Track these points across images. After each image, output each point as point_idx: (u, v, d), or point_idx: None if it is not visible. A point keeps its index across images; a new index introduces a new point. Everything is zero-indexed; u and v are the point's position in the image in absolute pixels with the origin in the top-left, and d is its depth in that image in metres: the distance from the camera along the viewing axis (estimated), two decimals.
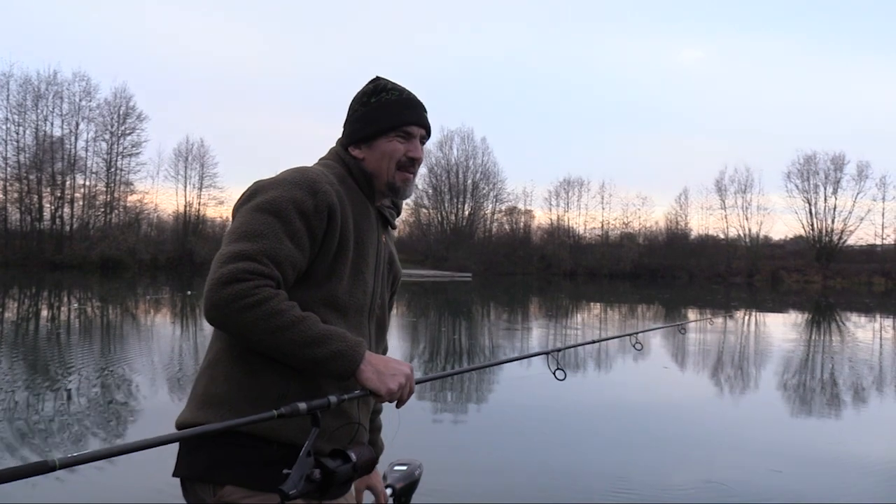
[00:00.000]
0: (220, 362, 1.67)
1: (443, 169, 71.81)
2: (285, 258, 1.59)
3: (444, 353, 12.26)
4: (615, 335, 8.66)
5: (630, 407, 7.75)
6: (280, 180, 1.68)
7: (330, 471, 1.45)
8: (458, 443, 6.21)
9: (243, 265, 1.53)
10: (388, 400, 1.64)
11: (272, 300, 1.53)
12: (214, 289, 1.52)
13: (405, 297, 30.07)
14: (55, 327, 14.96)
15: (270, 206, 1.62)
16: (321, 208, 1.65)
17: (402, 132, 1.83)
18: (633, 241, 70.01)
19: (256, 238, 1.58)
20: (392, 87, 1.86)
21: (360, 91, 1.89)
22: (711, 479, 5.11)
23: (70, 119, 54.15)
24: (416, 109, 1.87)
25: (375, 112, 1.83)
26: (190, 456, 1.64)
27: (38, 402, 7.20)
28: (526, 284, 46.41)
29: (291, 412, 1.41)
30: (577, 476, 5.16)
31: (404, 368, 1.65)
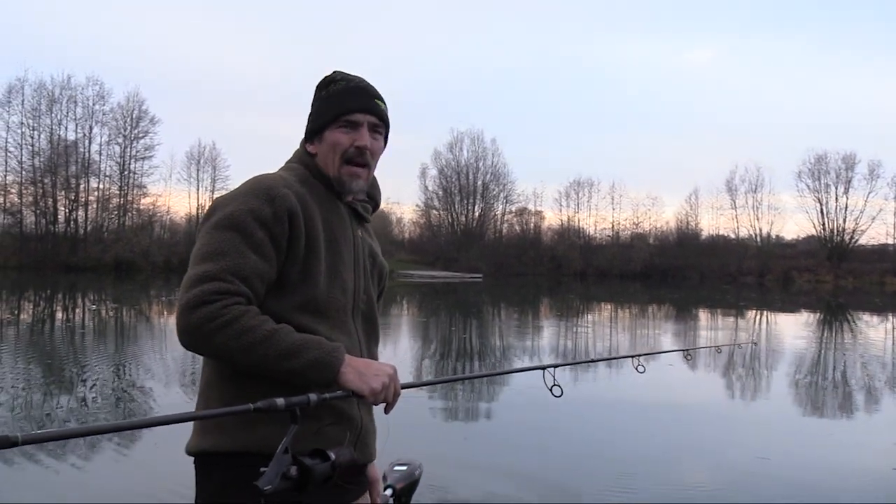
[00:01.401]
0: (212, 386, 1.67)
1: (453, 170, 72.05)
2: (251, 272, 1.57)
3: (453, 355, 12.42)
4: (616, 356, 8.71)
5: (641, 407, 7.86)
6: (236, 193, 1.66)
7: (307, 468, 1.43)
8: (463, 444, 6.36)
9: (209, 286, 1.51)
10: (371, 401, 1.61)
11: (242, 318, 1.51)
12: (183, 314, 1.51)
13: (416, 298, 30.23)
14: (70, 328, 15.23)
15: (229, 221, 1.59)
16: (280, 214, 1.62)
17: (346, 121, 1.76)
18: (643, 241, 69.92)
19: (219, 257, 1.56)
20: (341, 78, 1.81)
21: (315, 86, 1.85)
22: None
23: (84, 123, 54.79)
24: (361, 96, 1.78)
25: (323, 104, 1.79)
26: (203, 482, 1.66)
27: (48, 398, 7.43)
28: (536, 285, 46.45)
29: (268, 407, 1.39)
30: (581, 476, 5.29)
31: (387, 369, 1.63)
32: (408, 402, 1.94)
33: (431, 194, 72.56)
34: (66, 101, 54.26)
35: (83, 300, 24.73)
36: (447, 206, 72.33)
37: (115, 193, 55.40)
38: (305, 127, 1.84)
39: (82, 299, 25.12)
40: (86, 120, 54.68)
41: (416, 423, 6.50)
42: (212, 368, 1.68)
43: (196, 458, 1.69)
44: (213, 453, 1.63)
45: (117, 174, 55.66)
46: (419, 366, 10.76)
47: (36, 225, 51.99)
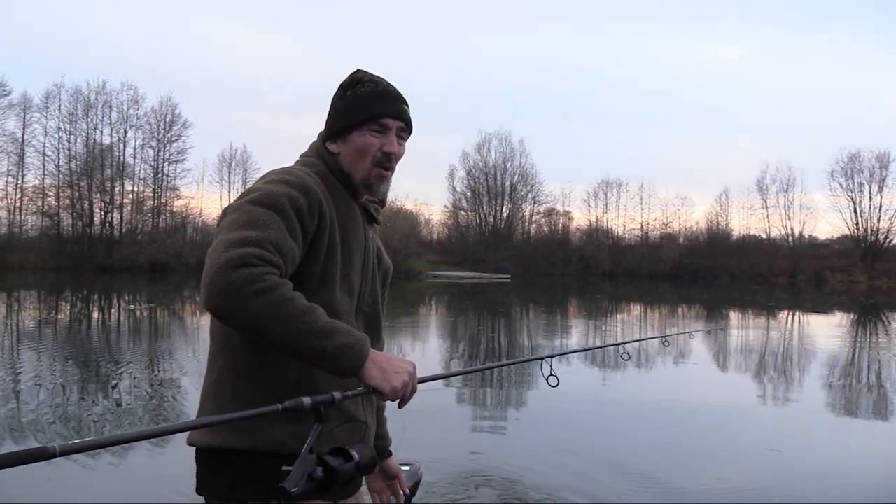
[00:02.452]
0: (225, 380, 1.66)
1: (481, 171, 72.16)
2: (288, 251, 1.55)
3: (479, 351, 12.58)
4: (603, 345, 8.84)
5: (651, 404, 7.97)
6: (271, 180, 1.65)
7: (333, 469, 1.42)
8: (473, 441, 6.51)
9: (251, 250, 1.47)
10: (391, 398, 1.60)
11: (281, 287, 1.47)
12: (221, 272, 1.43)
13: (445, 298, 30.42)
14: (107, 328, 15.66)
15: (268, 199, 1.57)
16: (313, 208, 1.63)
17: (377, 125, 1.76)
18: (673, 241, 69.44)
19: (261, 227, 1.52)
20: (369, 80, 1.80)
21: (339, 87, 1.83)
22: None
23: (118, 127, 55.83)
24: (392, 101, 1.79)
25: (350, 105, 1.77)
26: (213, 478, 1.66)
27: (86, 398, 7.73)
28: (564, 286, 46.36)
29: (295, 406, 1.39)
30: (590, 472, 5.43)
31: (407, 366, 1.62)
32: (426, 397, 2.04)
33: (459, 195, 72.86)
34: (102, 105, 55.42)
35: (119, 301, 25.28)
36: (475, 207, 72.47)
37: (149, 196, 56.38)
38: (326, 123, 1.83)
39: (118, 300, 25.67)
40: (120, 124, 55.80)
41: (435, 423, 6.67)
42: (226, 360, 1.66)
43: (201, 451, 1.68)
44: (225, 450, 1.62)
45: (151, 177, 56.70)
46: (445, 362, 10.94)
47: (73, 227, 53.06)
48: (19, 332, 14.05)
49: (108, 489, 4.68)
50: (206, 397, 1.71)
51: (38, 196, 53.44)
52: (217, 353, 1.70)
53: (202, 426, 1.39)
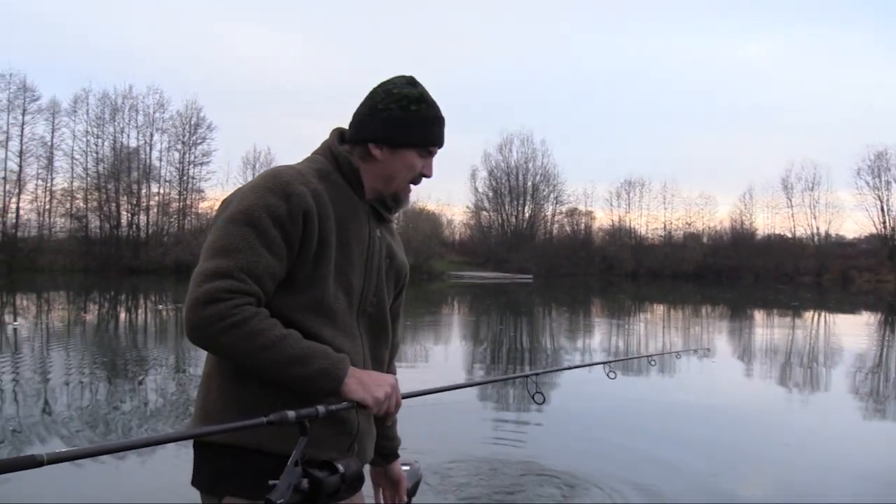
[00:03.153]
0: (212, 375, 1.68)
1: (503, 172, 72.18)
2: (264, 271, 1.56)
3: (499, 355, 12.68)
4: (587, 363, 8.85)
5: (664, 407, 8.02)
6: (254, 186, 1.64)
7: (318, 481, 1.44)
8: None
9: (221, 283, 1.51)
10: (375, 411, 1.63)
11: (252, 320, 1.51)
12: (193, 310, 1.50)
13: (467, 299, 30.53)
14: (134, 328, 15.97)
15: (244, 216, 1.58)
16: (295, 213, 1.60)
17: (427, 151, 1.80)
18: (696, 241, 68.98)
19: (232, 253, 1.54)
20: (431, 101, 1.79)
21: (395, 89, 1.77)
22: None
23: (145, 130, 56.61)
24: (442, 130, 1.82)
25: (413, 123, 1.75)
26: (198, 470, 1.69)
27: (118, 395, 7.95)
28: (587, 286, 46.29)
29: (280, 420, 1.41)
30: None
31: (389, 379, 1.66)
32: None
33: (482, 196, 72.93)
34: (128, 109, 56.23)
35: (146, 301, 25.69)
36: (497, 207, 72.49)
37: (175, 198, 57.08)
38: (366, 123, 1.77)
39: (145, 301, 26.08)
40: (146, 127, 56.57)
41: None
42: (212, 360, 1.69)
43: (195, 444, 1.72)
44: (210, 444, 1.64)
45: (176, 179, 57.41)
46: (467, 364, 11.06)
47: (100, 229, 53.85)
48: (49, 333, 14.38)
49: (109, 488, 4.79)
50: (198, 391, 1.73)
51: (66, 199, 54.35)
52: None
53: (187, 438, 1.44)
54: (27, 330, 14.47)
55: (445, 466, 5.08)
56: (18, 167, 52.78)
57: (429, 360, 10.98)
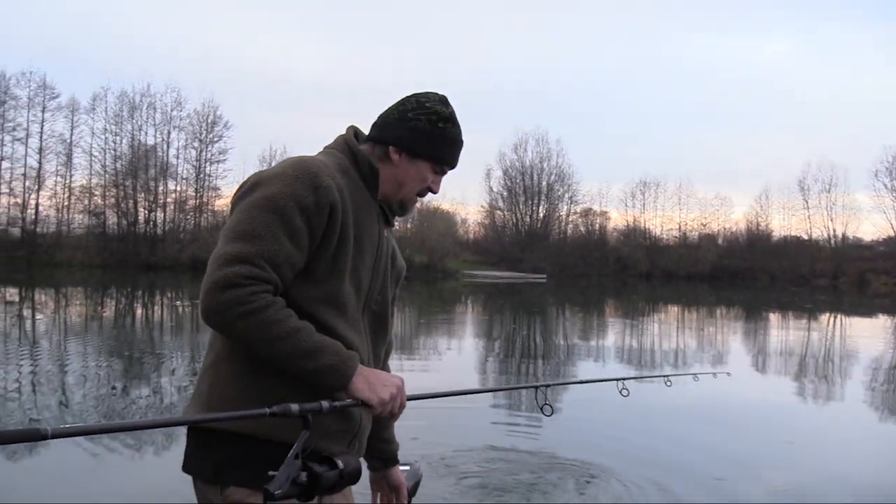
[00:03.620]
0: (223, 361, 1.66)
1: (517, 171, 72.14)
2: (284, 260, 1.57)
3: (516, 355, 12.75)
4: (601, 378, 8.82)
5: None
6: (281, 173, 1.63)
7: (316, 475, 1.45)
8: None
9: (240, 269, 1.51)
10: (379, 410, 1.64)
11: (269, 308, 1.52)
12: (211, 293, 1.51)
13: (481, 298, 30.62)
14: (150, 323, 16.19)
15: (270, 202, 1.57)
16: (322, 205, 1.61)
17: (441, 169, 1.86)
18: (711, 242, 68.69)
19: (254, 239, 1.54)
20: (458, 124, 1.86)
21: (428, 103, 1.82)
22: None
23: (162, 128, 57.01)
24: (459, 153, 1.88)
25: (439, 139, 1.81)
26: (198, 458, 1.66)
27: (128, 387, 8.11)
28: (601, 286, 46.25)
29: (283, 412, 1.42)
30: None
31: (395, 380, 1.67)
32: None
33: (496, 195, 72.93)
34: (146, 107, 56.63)
35: (162, 297, 25.97)
36: (512, 206, 72.46)
37: (191, 195, 57.39)
38: (391, 128, 1.81)
39: (162, 296, 26.37)
40: (164, 125, 56.98)
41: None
42: (226, 343, 1.66)
43: (192, 430, 1.69)
44: (215, 430, 1.62)
45: (193, 177, 57.79)
46: (471, 369, 11.15)
47: (118, 225, 54.32)
48: (67, 327, 14.62)
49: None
50: (203, 376, 1.70)
51: (85, 195, 54.85)
52: (218, 336, 1.69)
53: (191, 422, 1.43)
54: (46, 324, 14.71)
55: (450, 454, 5.22)
56: (38, 164, 53.41)
57: (441, 360, 11.08)
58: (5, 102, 52.19)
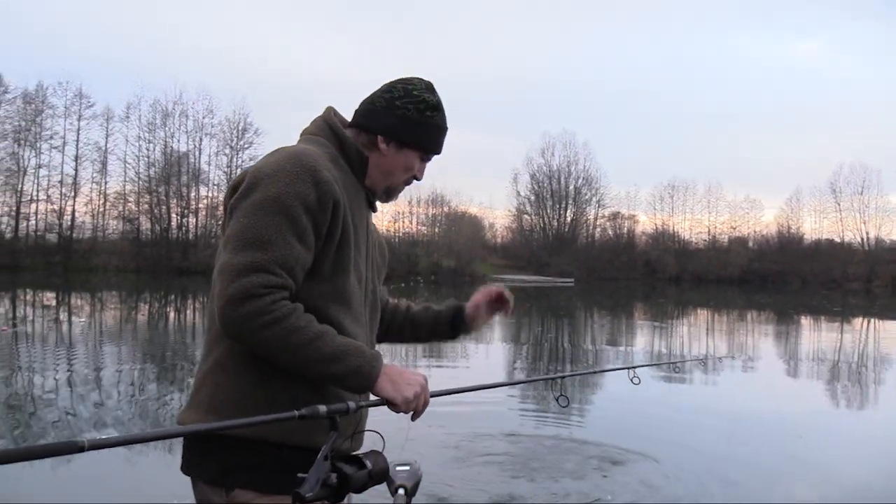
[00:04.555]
0: (224, 367, 1.61)
1: (544, 175, 72.25)
2: (296, 262, 1.54)
3: (545, 356, 12.91)
4: (613, 367, 8.93)
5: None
6: (279, 170, 1.57)
7: (346, 475, 1.44)
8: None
9: (257, 279, 1.47)
10: (404, 409, 1.62)
11: (290, 316, 1.49)
12: (230, 306, 1.47)
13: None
14: (182, 326, 16.58)
15: (275, 204, 1.53)
16: (325, 201, 1.58)
17: (427, 156, 1.84)
18: (741, 245, 68.13)
19: (266, 245, 1.50)
20: (444, 112, 1.83)
21: (415, 91, 1.78)
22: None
23: (194, 135, 58.06)
24: (443, 138, 1.85)
25: (425, 128, 1.78)
26: (203, 460, 1.61)
27: (161, 390, 8.40)
28: (629, 290, 46.09)
29: (311, 414, 1.39)
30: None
31: (419, 379, 1.64)
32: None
33: (523, 199, 73.11)
34: (178, 115, 57.74)
35: (194, 301, 26.44)
36: (539, 210, 72.57)
37: (223, 201, 58.32)
38: (378, 117, 1.77)
39: (193, 300, 26.82)
40: (196, 132, 58.02)
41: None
42: (227, 348, 1.61)
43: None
44: (219, 434, 1.55)
45: (224, 183, 58.59)
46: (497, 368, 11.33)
47: (151, 231, 55.37)
48: (103, 330, 15.05)
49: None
50: (202, 381, 1.65)
51: (119, 201, 56.00)
52: (217, 340, 1.63)
53: (220, 429, 1.43)
54: (83, 327, 15.16)
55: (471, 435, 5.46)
56: (74, 171, 54.70)
57: (468, 359, 11.29)
58: (43, 111, 53.66)
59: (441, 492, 4.60)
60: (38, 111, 53.35)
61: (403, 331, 2.10)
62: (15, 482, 4.46)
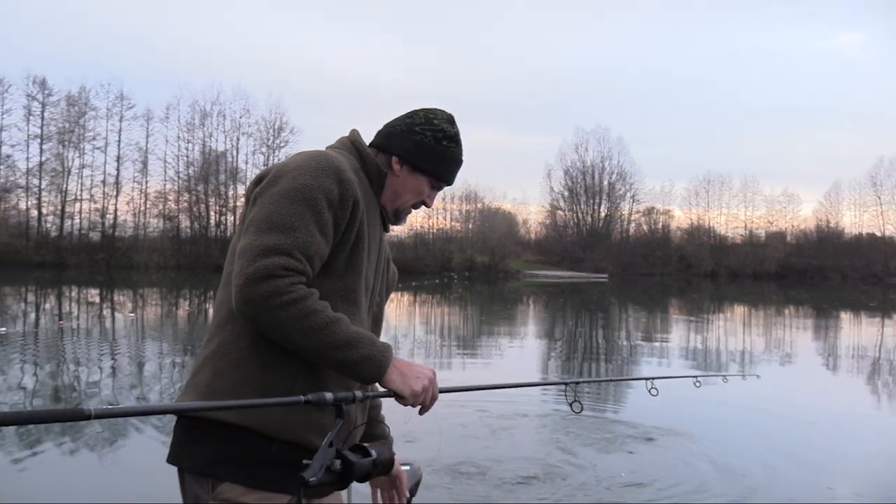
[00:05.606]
0: (226, 354, 1.61)
1: (578, 171, 72.01)
2: (315, 252, 1.56)
3: (578, 355, 13.09)
4: (631, 377, 8.99)
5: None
6: (304, 165, 1.62)
7: (351, 463, 1.45)
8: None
9: (278, 260, 1.49)
10: (411, 402, 1.62)
11: (307, 299, 1.50)
12: (249, 284, 1.48)
13: (543, 298, 30.87)
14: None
15: (301, 193, 1.56)
16: (346, 199, 1.61)
17: (438, 185, 1.88)
18: (779, 240, 67.23)
19: (289, 230, 1.53)
20: (460, 144, 1.88)
21: (436, 119, 1.85)
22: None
23: (231, 135, 58.94)
24: (457, 171, 1.90)
25: (441, 156, 1.83)
26: (190, 448, 1.60)
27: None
28: (664, 286, 45.84)
29: (318, 400, 1.40)
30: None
31: (427, 372, 1.64)
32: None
33: (557, 195, 72.97)
34: (216, 115, 58.64)
35: None
36: (572, 206, 72.38)
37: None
38: (394, 138, 1.83)
39: None
40: (233, 132, 58.88)
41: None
42: (230, 335, 1.63)
43: (183, 420, 1.64)
44: (209, 420, 1.57)
45: None
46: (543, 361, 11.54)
47: (191, 228, 56.36)
48: (145, 325, 15.57)
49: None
50: (201, 367, 1.65)
51: (159, 200, 57.10)
52: (222, 325, 1.65)
53: (226, 407, 1.42)
54: (125, 323, 15.70)
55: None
56: (116, 171, 55.98)
57: (492, 357, 11.53)
58: (86, 113, 54.96)
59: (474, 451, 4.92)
60: (81, 113, 54.71)
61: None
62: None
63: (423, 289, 34.40)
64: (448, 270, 55.68)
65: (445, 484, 4.74)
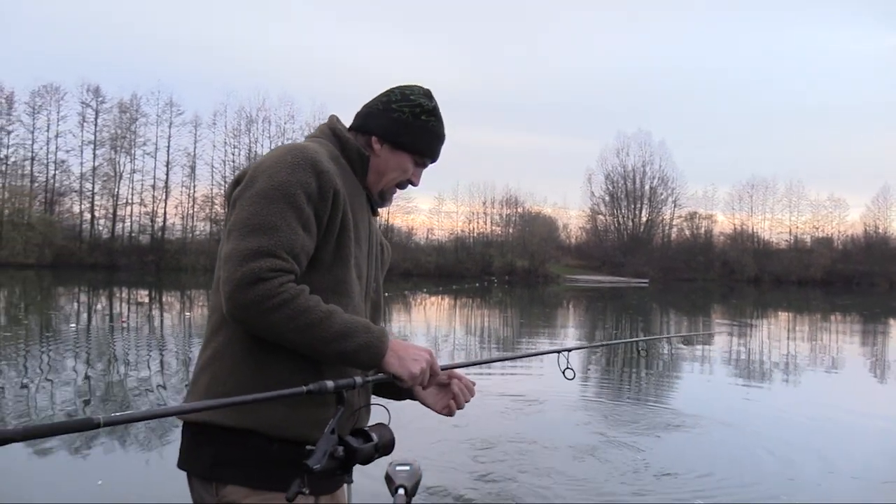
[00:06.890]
0: (222, 358, 1.61)
1: (619, 175, 71.79)
2: (301, 248, 1.55)
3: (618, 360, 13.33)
4: (622, 340, 9.17)
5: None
6: (279, 161, 1.59)
7: (353, 449, 1.47)
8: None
9: (265, 263, 1.48)
10: (410, 384, 1.62)
11: (298, 298, 1.50)
12: (239, 289, 1.47)
13: (583, 302, 30.97)
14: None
15: (279, 192, 1.54)
16: (326, 190, 1.59)
17: (422, 160, 1.83)
18: (825, 245, 66.06)
19: (271, 231, 1.51)
20: (440, 118, 1.84)
21: (412, 95, 1.81)
22: None
23: (276, 140, 60.01)
24: (440, 144, 1.86)
25: (420, 131, 1.79)
26: (193, 452, 1.61)
27: None
28: (706, 291, 45.46)
29: (319, 389, 1.41)
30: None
31: (424, 354, 1.64)
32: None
33: (598, 199, 72.80)
34: (262, 121, 60.08)
35: None
36: (613, 210, 72.09)
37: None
38: (374, 118, 1.80)
39: None
40: (278, 137, 60.10)
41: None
42: (225, 339, 1.62)
43: (188, 426, 1.63)
44: (211, 425, 1.57)
45: None
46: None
47: None
48: (192, 326, 16.13)
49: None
50: (200, 373, 1.65)
51: (206, 204, 58.61)
52: (216, 330, 1.64)
53: (230, 405, 1.40)
54: (173, 323, 16.31)
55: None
56: (165, 176, 57.60)
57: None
58: (137, 119, 56.72)
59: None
60: (132, 119, 56.53)
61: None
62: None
63: (464, 292, 34.73)
64: (488, 274, 55.93)
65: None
